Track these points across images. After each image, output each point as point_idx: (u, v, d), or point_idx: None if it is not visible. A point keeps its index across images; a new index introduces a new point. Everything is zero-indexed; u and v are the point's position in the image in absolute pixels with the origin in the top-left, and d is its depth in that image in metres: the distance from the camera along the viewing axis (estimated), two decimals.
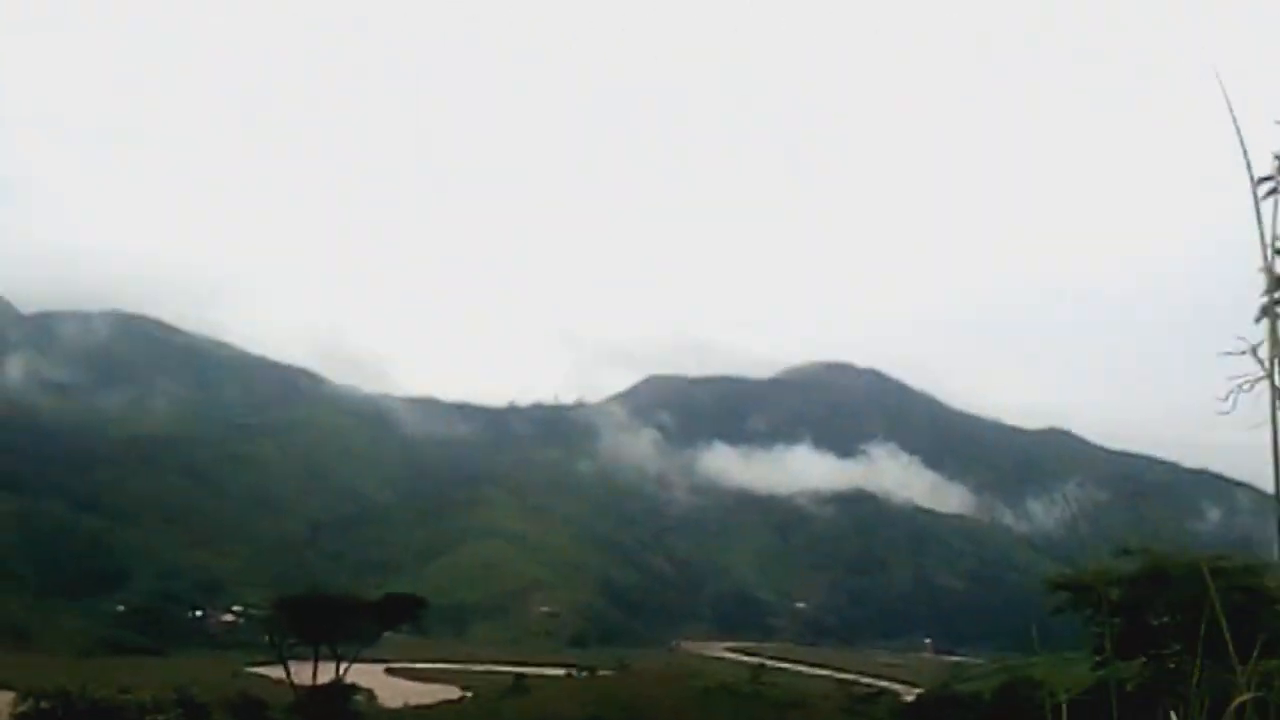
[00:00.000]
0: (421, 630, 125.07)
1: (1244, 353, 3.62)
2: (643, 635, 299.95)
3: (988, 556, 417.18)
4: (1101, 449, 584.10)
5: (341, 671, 75.52)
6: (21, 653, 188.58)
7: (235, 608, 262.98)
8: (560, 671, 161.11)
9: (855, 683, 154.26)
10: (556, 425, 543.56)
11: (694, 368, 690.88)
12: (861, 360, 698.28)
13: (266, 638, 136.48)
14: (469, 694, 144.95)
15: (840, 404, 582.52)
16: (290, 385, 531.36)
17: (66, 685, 29.09)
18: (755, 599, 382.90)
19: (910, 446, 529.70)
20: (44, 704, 26.50)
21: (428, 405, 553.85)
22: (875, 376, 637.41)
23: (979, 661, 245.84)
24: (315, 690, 71.24)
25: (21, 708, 29.49)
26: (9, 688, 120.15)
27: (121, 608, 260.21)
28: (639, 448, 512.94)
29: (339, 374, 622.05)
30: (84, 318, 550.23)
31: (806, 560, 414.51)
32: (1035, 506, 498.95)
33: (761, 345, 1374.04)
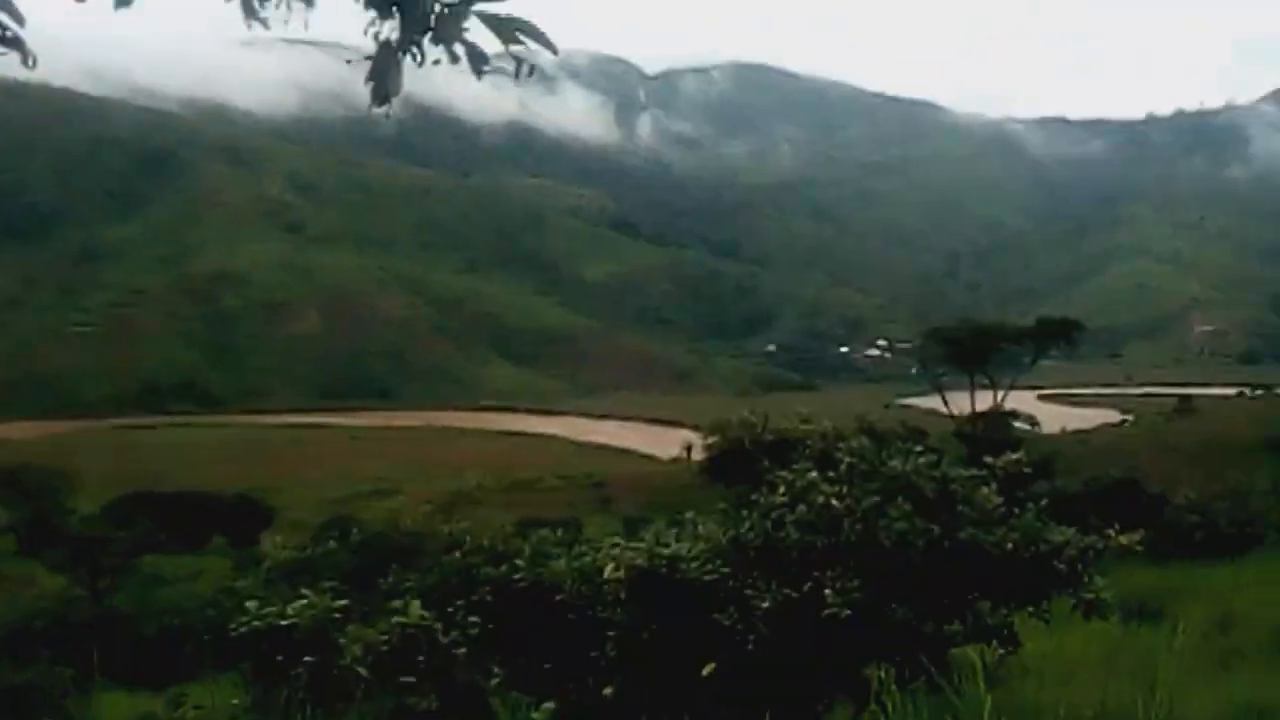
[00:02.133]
0: (1073, 355, 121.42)
1: None
2: None
3: None
4: None
5: (999, 398, 75.24)
6: (686, 394, 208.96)
7: (880, 342, 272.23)
8: (1230, 391, 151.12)
9: None
10: (1201, 132, 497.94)
11: None
12: None
13: (914, 369, 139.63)
14: (1129, 417, 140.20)
15: None
16: (912, 119, 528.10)
17: (750, 418, 30.42)
18: None
19: None
20: (731, 435, 28.02)
21: (1056, 125, 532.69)
22: None
23: None
24: (976, 416, 71.49)
25: (712, 439, 31.30)
26: (682, 425, 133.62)
27: (772, 347, 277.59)
28: None
29: (960, 102, 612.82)
30: (704, 72, 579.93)
31: None
32: None
33: None
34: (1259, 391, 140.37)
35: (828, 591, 8.31)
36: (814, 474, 9.34)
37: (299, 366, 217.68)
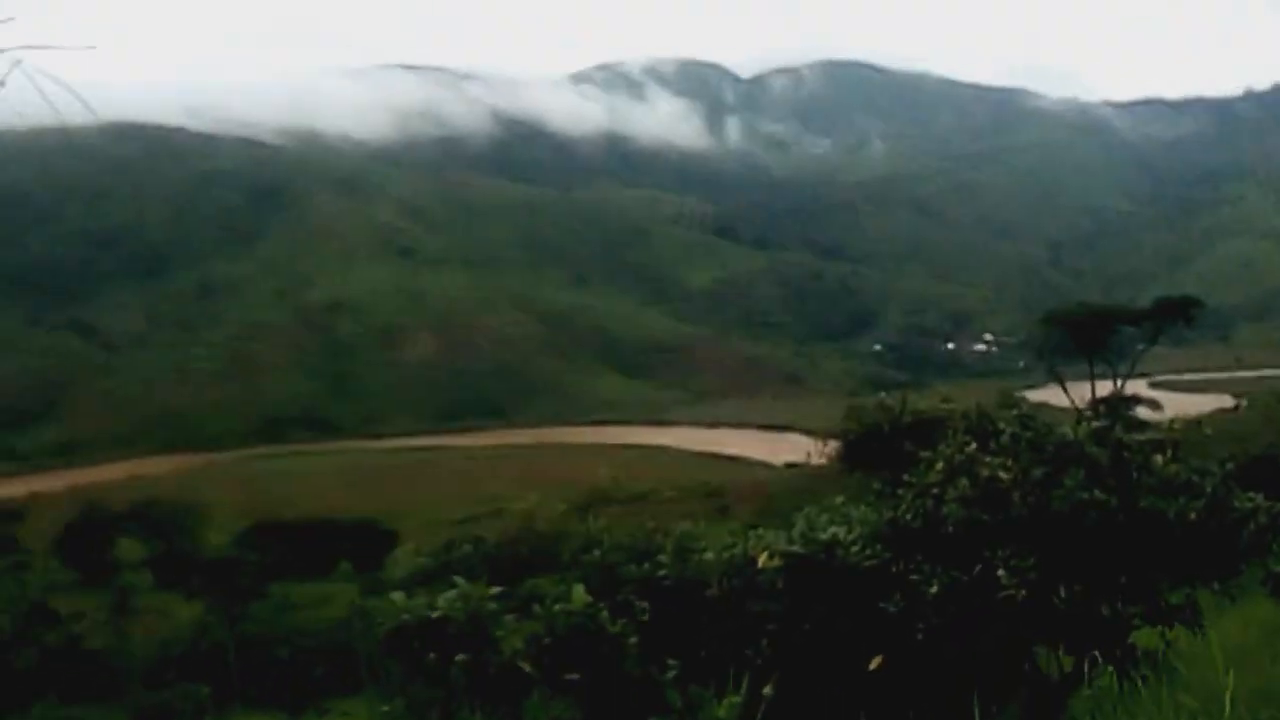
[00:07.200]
0: (1181, 340, 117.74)
1: None
2: None
3: None
4: None
5: (1118, 384, 72.97)
6: (796, 397, 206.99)
7: (986, 336, 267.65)
8: None
9: None
10: None
11: None
12: None
13: (1022, 363, 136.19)
14: (1243, 401, 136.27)
15: None
16: (1004, 107, 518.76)
17: (887, 401, 29.72)
18: None
19: None
20: (866, 421, 27.34)
21: (1151, 106, 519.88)
22: None
23: None
24: (1097, 403, 69.23)
25: (849, 424, 30.63)
26: (794, 429, 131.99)
27: (878, 346, 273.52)
28: None
29: (1052, 87, 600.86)
30: (794, 72, 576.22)
31: None
32: None
33: None
34: None
35: (1001, 572, 7.79)
36: (974, 446, 8.82)
37: (414, 390, 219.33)
